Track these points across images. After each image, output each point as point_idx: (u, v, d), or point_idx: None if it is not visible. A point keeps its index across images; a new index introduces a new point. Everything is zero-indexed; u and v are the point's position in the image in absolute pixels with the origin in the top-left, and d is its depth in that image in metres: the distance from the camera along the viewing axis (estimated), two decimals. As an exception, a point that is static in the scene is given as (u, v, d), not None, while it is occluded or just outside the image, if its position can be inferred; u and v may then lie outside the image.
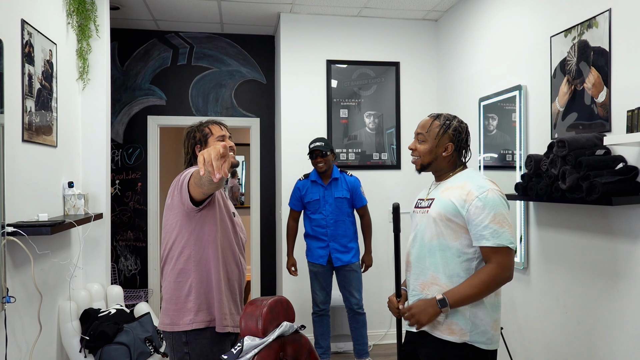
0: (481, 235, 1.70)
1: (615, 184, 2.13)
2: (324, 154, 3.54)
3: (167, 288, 2.00)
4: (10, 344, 2.33)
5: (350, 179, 3.67)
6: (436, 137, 1.85)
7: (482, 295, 1.72)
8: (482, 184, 1.76)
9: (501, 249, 1.70)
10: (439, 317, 1.75)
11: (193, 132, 2.10)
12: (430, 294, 1.80)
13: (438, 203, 1.80)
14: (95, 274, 3.40)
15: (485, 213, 1.70)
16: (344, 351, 4.05)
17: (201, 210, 1.91)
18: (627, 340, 2.25)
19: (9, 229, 2.26)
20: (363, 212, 3.72)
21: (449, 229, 1.76)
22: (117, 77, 4.58)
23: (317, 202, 3.63)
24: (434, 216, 1.79)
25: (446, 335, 1.76)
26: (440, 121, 1.87)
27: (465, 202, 1.73)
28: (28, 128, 2.56)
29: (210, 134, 2.07)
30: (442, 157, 1.86)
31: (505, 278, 1.72)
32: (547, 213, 2.82)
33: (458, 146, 1.86)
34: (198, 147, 2.07)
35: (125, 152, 4.68)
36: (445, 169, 1.89)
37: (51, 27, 2.93)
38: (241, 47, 4.82)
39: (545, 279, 2.85)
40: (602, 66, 2.38)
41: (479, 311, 1.75)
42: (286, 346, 1.91)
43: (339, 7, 4.10)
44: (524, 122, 3.03)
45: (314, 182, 3.66)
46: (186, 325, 1.94)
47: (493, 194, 1.73)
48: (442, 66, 4.35)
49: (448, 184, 1.84)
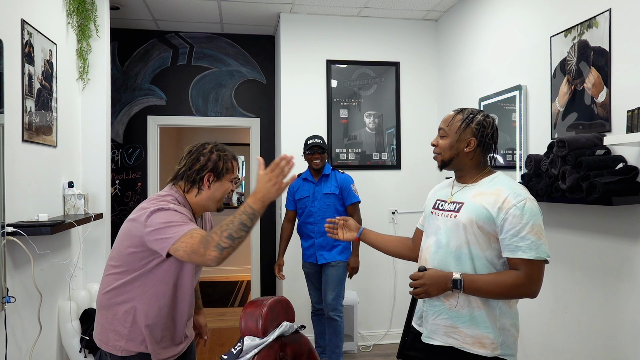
0: (517, 246, 1.58)
1: (615, 184, 2.13)
2: (322, 150, 3.53)
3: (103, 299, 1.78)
4: (10, 344, 2.33)
5: (341, 176, 3.61)
6: (457, 131, 1.72)
7: (497, 296, 1.62)
8: (520, 191, 1.63)
9: (536, 262, 1.58)
10: (466, 330, 1.65)
11: (217, 160, 1.78)
12: (454, 304, 1.67)
13: (469, 208, 1.66)
14: (95, 274, 3.40)
15: (523, 223, 1.58)
16: (344, 351, 4.04)
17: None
18: (627, 340, 2.25)
19: (9, 229, 2.26)
20: (352, 210, 3.57)
21: (479, 237, 1.64)
22: (117, 77, 4.58)
23: (307, 198, 3.58)
24: (464, 222, 1.65)
25: (477, 349, 1.64)
26: (464, 115, 1.74)
27: (501, 210, 1.60)
28: (28, 128, 2.56)
29: (230, 172, 1.82)
30: (465, 154, 1.72)
31: (533, 292, 1.61)
32: (547, 213, 2.82)
33: (482, 142, 1.71)
34: (211, 176, 1.78)
35: (125, 152, 4.68)
36: (468, 168, 1.75)
37: (51, 27, 2.93)
38: (241, 47, 4.82)
39: (545, 279, 2.84)
40: (602, 66, 2.38)
41: (506, 322, 1.66)
42: (286, 346, 1.91)
43: (339, 7, 4.10)
44: (524, 122, 3.03)
45: (305, 180, 3.64)
46: (116, 350, 1.75)
47: (531, 203, 1.61)
48: (442, 66, 4.35)
49: (479, 188, 1.70)
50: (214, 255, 1.51)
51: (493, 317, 1.64)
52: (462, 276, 1.61)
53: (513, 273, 1.60)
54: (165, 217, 1.62)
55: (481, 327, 1.64)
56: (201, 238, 1.54)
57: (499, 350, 1.64)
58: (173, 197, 1.76)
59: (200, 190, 1.78)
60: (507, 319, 1.66)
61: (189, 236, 1.56)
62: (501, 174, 1.75)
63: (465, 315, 1.66)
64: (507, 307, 1.68)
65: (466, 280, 1.60)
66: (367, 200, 4.07)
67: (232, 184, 1.83)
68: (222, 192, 1.81)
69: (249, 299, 5.29)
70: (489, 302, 1.65)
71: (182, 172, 1.79)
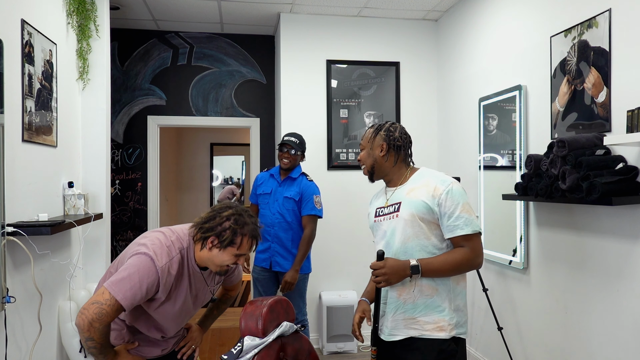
0: (454, 225, 1.76)
1: (615, 184, 2.13)
2: (292, 152, 3.29)
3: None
4: (10, 344, 2.33)
5: (306, 182, 3.32)
6: (370, 141, 1.94)
7: (451, 273, 1.79)
8: (444, 178, 1.83)
9: (474, 235, 1.77)
10: (424, 318, 1.79)
11: (227, 229, 1.71)
12: (409, 298, 1.80)
13: (407, 204, 1.82)
14: (95, 274, 3.40)
15: (455, 204, 1.77)
16: (343, 351, 4.05)
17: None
18: (627, 340, 2.25)
19: (9, 229, 2.26)
20: (306, 222, 3.29)
21: (423, 228, 1.80)
22: (117, 77, 4.58)
23: (268, 196, 3.36)
24: (406, 218, 1.81)
25: (437, 334, 1.77)
26: (374, 127, 1.97)
27: (434, 198, 1.78)
28: (28, 128, 2.56)
29: (236, 245, 1.72)
30: (381, 158, 1.91)
31: (478, 263, 1.81)
32: (547, 213, 2.82)
33: (393, 144, 1.90)
34: (215, 240, 1.71)
35: (125, 152, 4.68)
36: (391, 172, 1.92)
37: (51, 27, 2.93)
38: (241, 47, 4.82)
39: (545, 279, 2.85)
40: (602, 66, 2.38)
41: (459, 303, 1.82)
42: (286, 346, 1.91)
43: (339, 7, 4.10)
44: (524, 122, 3.03)
45: (271, 176, 3.43)
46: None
47: (457, 185, 1.81)
48: (442, 66, 4.35)
49: (409, 185, 1.87)
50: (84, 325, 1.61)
51: (448, 300, 1.80)
52: (418, 262, 1.75)
53: (460, 249, 1.78)
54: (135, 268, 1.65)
55: (437, 312, 1.79)
56: (106, 312, 1.61)
57: (455, 331, 1.79)
58: (182, 247, 1.77)
59: (203, 248, 1.76)
60: (460, 300, 1.84)
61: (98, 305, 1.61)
62: (424, 168, 1.93)
63: (420, 305, 1.80)
64: (458, 287, 1.84)
65: (423, 264, 1.75)
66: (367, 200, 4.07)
67: (233, 259, 1.74)
68: (220, 261, 1.74)
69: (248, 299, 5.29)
70: (440, 287, 1.80)
71: (198, 222, 1.77)
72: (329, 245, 4.17)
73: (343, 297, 4.11)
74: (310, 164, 4.25)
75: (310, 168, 4.25)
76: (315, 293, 4.24)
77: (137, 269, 1.65)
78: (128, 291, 1.62)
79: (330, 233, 4.19)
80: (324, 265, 4.22)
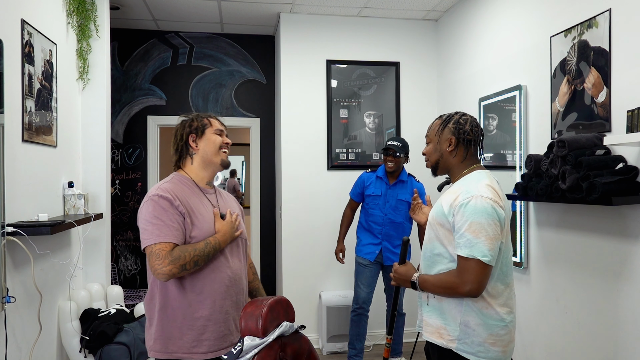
0: (457, 243, 1.63)
1: (615, 184, 2.13)
2: (396, 154, 3.45)
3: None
4: (10, 344, 2.33)
5: (417, 184, 3.60)
6: (437, 134, 1.81)
7: (444, 294, 1.70)
8: (472, 189, 1.65)
9: (470, 260, 1.58)
10: (429, 319, 1.78)
11: (190, 120, 1.90)
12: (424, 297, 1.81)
13: (435, 207, 1.78)
14: (95, 274, 3.40)
15: (463, 220, 1.61)
16: (343, 351, 4.04)
17: None
18: (627, 340, 2.25)
19: (9, 229, 2.26)
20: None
21: (439, 235, 1.73)
22: (117, 77, 4.58)
23: (379, 198, 3.55)
24: (430, 220, 1.79)
25: (435, 339, 1.74)
26: (442, 119, 1.83)
27: (451, 208, 1.66)
28: (28, 128, 2.56)
29: (209, 125, 1.90)
30: (448, 153, 1.79)
31: (466, 291, 1.60)
32: (547, 213, 2.82)
33: (462, 138, 1.76)
34: (193, 136, 1.87)
35: (125, 152, 4.68)
36: (455, 168, 1.80)
37: (51, 27, 2.93)
38: (241, 47, 4.82)
39: (545, 279, 2.85)
40: (602, 66, 2.38)
41: (470, 320, 1.66)
42: (286, 346, 1.91)
43: (339, 7, 4.10)
44: (524, 122, 3.03)
45: (379, 178, 3.58)
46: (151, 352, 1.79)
47: (476, 201, 1.61)
48: (442, 66, 4.35)
49: (452, 187, 1.78)
50: (171, 273, 1.66)
51: (457, 311, 1.68)
52: (417, 279, 1.76)
53: (452, 272, 1.66)
54: (150, 214, 1.73)
55: (442, 318, 1.73)
56: (166, 253, 1.66)
57: (454, 344, 1.68)
58: (173, 176, 1.86)
59: (193, 156, 1.86)
60: (473, 318, 1.66)
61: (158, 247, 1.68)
62: (475, 172, 1.76)
63: (431, 307, 1.78)
64: (476, 306, 1.66)
65: (420, 281, 1.75)
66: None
67: (218, 136, 1.89)
68: (212, 145, 1.86)
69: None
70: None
71: (173, 153, 1.91)
72: (328, 245, 4.17)
73: (343, 297, 4.11)
74: (310, 164, 4.25)
75: (310, 168, 4.26)
76: (315, 293, 4.24)
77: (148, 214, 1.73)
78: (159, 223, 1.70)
79: (330, 233, 4.19)
80: (324, 265, 4.22)
